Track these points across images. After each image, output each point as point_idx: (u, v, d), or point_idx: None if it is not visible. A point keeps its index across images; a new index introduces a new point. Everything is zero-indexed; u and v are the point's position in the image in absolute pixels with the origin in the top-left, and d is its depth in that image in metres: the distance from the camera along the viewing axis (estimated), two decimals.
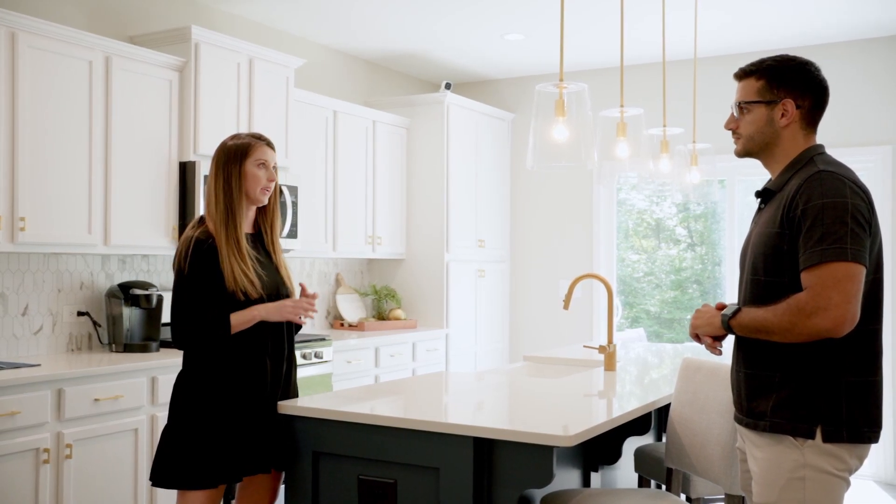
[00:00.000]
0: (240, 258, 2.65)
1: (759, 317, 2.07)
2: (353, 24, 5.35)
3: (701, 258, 6.44)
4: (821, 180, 2.04)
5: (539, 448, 2.32)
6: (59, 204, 3.78)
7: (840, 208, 1.98)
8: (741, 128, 2.24)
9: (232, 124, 4.52)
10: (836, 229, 1.97)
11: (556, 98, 2.87)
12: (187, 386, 2.66)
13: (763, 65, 2.21)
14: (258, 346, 2.68)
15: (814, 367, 2.04)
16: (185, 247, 2.66)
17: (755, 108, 2.20)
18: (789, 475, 2.04)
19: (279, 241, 2.87)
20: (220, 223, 2.66)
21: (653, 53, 5.79)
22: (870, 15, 5.10)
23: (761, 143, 2.22)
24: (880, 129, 5.55)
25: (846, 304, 1.94)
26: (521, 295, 6.75)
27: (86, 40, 3.88)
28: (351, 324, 5.71)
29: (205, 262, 2.63)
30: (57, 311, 4.09)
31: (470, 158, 6.28)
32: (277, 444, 2.71)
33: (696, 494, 3.11)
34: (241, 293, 2.62)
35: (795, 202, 2.05)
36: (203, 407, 2.62)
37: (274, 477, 2.80)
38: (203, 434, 2.59)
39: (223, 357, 2.64)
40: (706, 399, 2.71)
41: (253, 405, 2.66)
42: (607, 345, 3.67)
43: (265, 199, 2.77)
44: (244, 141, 2.76)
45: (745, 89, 2.23)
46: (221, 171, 2.71)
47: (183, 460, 2.59)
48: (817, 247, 1.97)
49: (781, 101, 2.17)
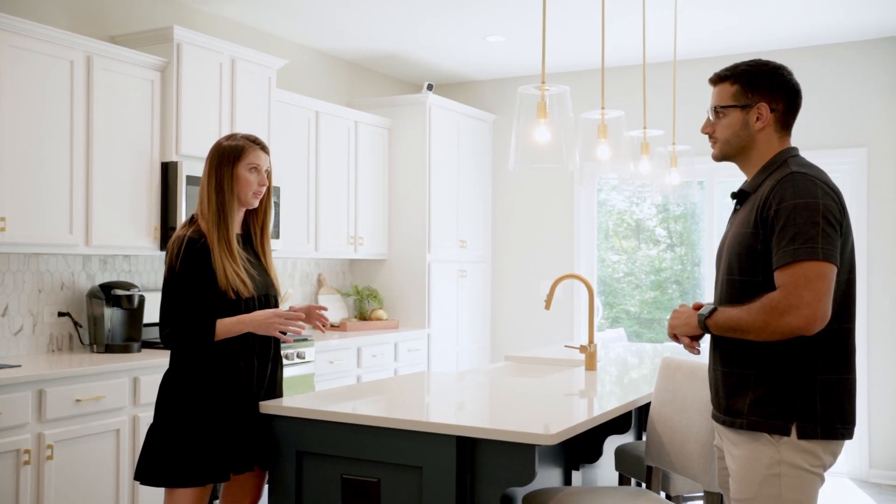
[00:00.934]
0: (231, 259, 2.66)
1: (734, 316, 2.11)
2: (335, 24, 5.36)
3: (680, 258, 6.50)
4: (793, 181, 2.08)
5: (521, 447, 2.34)
6: (40, 204, 3.77)
7: (812, 209, 2.02)
8: (717, 132, 2.28)
9: (214, 125, 4.52)
10: (807, 229, 2.01)
11: (539, 100, 2.90)
12: (174, 384, 2.67)
13: (737, 70, 2.25)
14: (245, 346, 2.69)
15: (789, 365, 2.08)
16: (177, 245, 2.66)
17: (731, 113, 2.24)
18: (765, 472, 2.08)
19: (269, 242, 2.88)
20: (212, 223, 2.67)
21: (633, 56, 5.84)
22: (844, 20, 5.18)
23: (738, 147, 2.26)
24: (856, 132, 5.63)
25: (817, 303, 1.98)
26: (501, 295, 6.79)
27: (67, 40, 3.86)
28: (333, 324, 5.71)
29: (197, 260, 2.63)
30: (37, 312, 4.07)
31: (451, 159, 6.31)
32: (261, 442, 2.73)
33: (676, 492, 3.15)
34: (233, 292, 2.64)
35: (769, 203, 2.09)
36: (190, 405, 2.62)
37: (258, 476, 2.81)
38: (190, 432, 2.60)
39: (210, 356, 2.65)
40: (685, 398, 2.75)
41: (239, 404, 2.68)
42: (588, 345, 3.71)
43: (256, 202, 2.77)
44: (238, 143, 2.75)
45: (721, 94, 2.26)
46: (214, 172, 2.71)
47: (170, 458, 2.59)
48: (789, 246, 2.01)
49: (756, 105, 2.21)
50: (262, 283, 2.77)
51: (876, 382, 5.50)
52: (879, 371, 5.49)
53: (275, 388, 2.85)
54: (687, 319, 2.25)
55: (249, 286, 2.68)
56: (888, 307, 5.49)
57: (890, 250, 5.50)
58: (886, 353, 5.49)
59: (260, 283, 2.76)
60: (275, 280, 2.86)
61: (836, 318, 2.05)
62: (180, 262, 2.63)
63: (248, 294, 2.68)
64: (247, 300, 2.68)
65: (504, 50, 5.94)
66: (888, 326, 5.50)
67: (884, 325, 5.50)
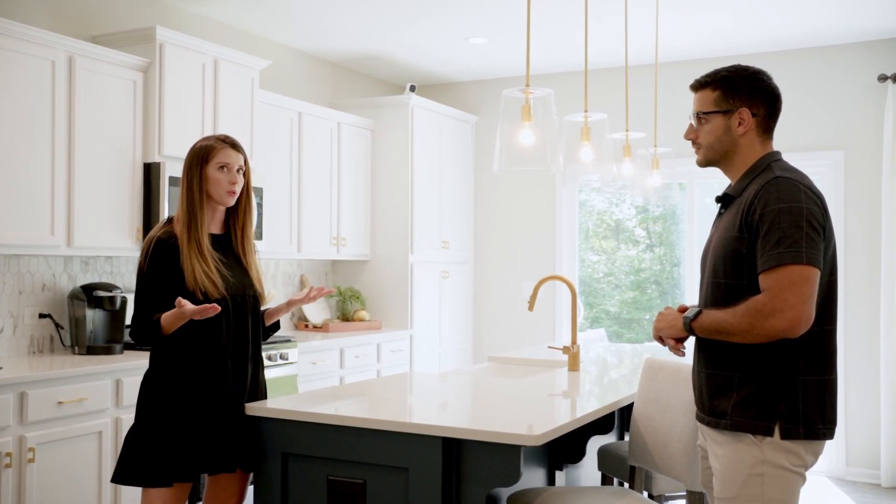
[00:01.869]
0: (201, 258, 2.66)
1: (719, 319, 2.13)
2: (318, 25, 5.36)
3: (660, 259, 6.55)
4: (777, 186, 2.10)
5: (507, 447, 2.36)
6: (21, 205, 3.74)
7: (796, 213, 2.05)
8: (700, 137, 2.31)
9: (197, 125, 4.50)
10: (791, 233, 2.04)
11: (523, 103, 2.92)
12: (152, 385, 2.69)
13: (717, 76, 2.27)
14: (219, 347, 2.70)
15: (772, 366, 2.11)
16: (147, 246, 2.69)
17: (713, 118, 2.27)
18: (749, 471, 2.11)
19: (251, 242, 2.87)
20: (184, 224, 2.69)
21: (615, 58, 5.88)
22: (822, 24, 5.25)
23: (721, 152, 2.29)
24: (833, 135, 5.71)
25: (801, 306, 2.01)
26: (484, 296, 6.81)
27: (49, 40, 3.84)
28: (315, 325, 5.71)
29: (164, 261, 2.65)
30: (18, 314, 4.04)
31: (434, 160, 6.32)
32: (244, 444, 2.72)
33: (658, 491, 3.19)
34: (201, 293, 2.63)
35: (753, 207, 2.11)
36: (164, 406, 2.64)
37: (241, 477, 2.81)
38: (163, 432, 2.62)
39: (185, 356, 2.66)
40: (669, 398, 2.78)
41: (214, 405, 2.67)
42: (571, 345, 3.73)
43: (231, 200, 2.77)
44: (207, 143, 2.76)
45: (702, 100, 2.29)
46: (186, 174, 2.74)
47: (144, 458, 2.61)
48: (774, 250, 2.04)
49: (738, 111, 2.24)
50: (237, 283, 2.75)
51: (852, 382, 5.57)
52: (856, 371, 5.57)
53: (257, 390, 2.84)
54: (672, 322, 2.27)
55: (220, 286, 2.67)
56: (864, 308, 5.57)
57: (866, 252, 5.58)
58: (862, 354, 5.57)
59: (235, 283, 2.74)
60: (255, 280, 2.84)
61: (817, 319, 2.09)
62: (148, 262, 2.67)
63: (218, 294, 2.66)
64: (217, 300, 2.66)
65: (486, 52, 5.96)
66: (864, 327, 5.57)
67: (860, 326, 5.58)
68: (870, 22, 5.21)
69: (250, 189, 2.83)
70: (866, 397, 5.56)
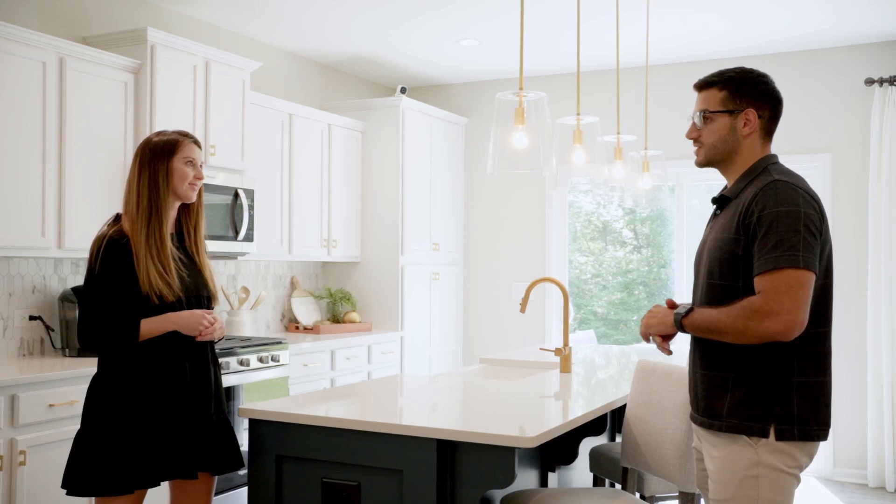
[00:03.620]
0: (161, 258, 2.58)
1: (713, 317, 2.14)
2: (309, 27, 5.36)
3: (647, 260, 6.58)
4: (775, 189, 2.12)
5: (501, 449, 2.38)
6: (12, 207, 3.72)
7: (793, 217, 2.07)
8: (704, 136, 2.30)
9: (188, 127, 4.49)
10: (789, 237, 2.05)
11: (517, 106, 2.93)
12: (102, 390, 2.59)
13: (725, 76, 2.27)
14: (175, 350, 2.62)
15: (767, 368, 2.13)
16: (97, 245, 2.59)
17: (718, 118, 2.27)
18: (744, 473, 2.13)
19: (203, 241, 2.81)
20: (142, 221, 2.59)
21: (605, 60, 5.91)
22: (808, 27, 5.29)
23: (724, 152, 2.29)
24: (820, 137, 5.75)
25: (797, 310, 2.03)
26: (474, 297, 6.82)
27: (40, 41, 3.82)
28: (306, 327, 5.71)
29: (117, 262, 2.56)
30: (8, 316, 4.02)
31: (424, 162, 6.33)
32: (209, 448, 2.66)
33: (650, 492, 3.20)
34: (156, 297, 2.57)
35: (751, 210, 2.13)
36: (117, 411, 2.55)
37: (206, 482, 2.73)
38: (118, 439, 2.53)
39: (139, 360, 2.58)
40: (661, 400, 2.79)
41: (172, 409, 2.60)
42: (563, 347, 3.75)
43: (193, 195, 2.72)
44: (171, 137, 2.71)
45: (708, 99, 2.28)
46: (147, 167, 2.64)
47: (97, 466, 2.51)
48: (772, 253, 2.06)
49: (744, 111, 2.24)
50: (192, 283, 2.70)
51: (840, 383, 5.61)
52: (843, 372, 5.61)
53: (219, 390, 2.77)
54: (663, 318, 2.27)
55: (176, 288, 2.60)
56: (851, 309, 5.62)
57: (853, 255, 5.63)
58: (849, 355, 5.62)
59: (190, 284, 2.69)
60: (209, 280, 2.78)
61: (812, 322, 2.10)
62: (99, 263, 2.56)
63: (173, 297, 2.60)
64: (171, 303, 2.60)
65: (477, 54, 5.98)
66: (851, 328, 5.62)
67: (847, 327, 5.62)
68: (857, 26, 5.26)
69: (202, 189, 2.78)
70: (853, 398, 5.61)
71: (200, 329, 2.63)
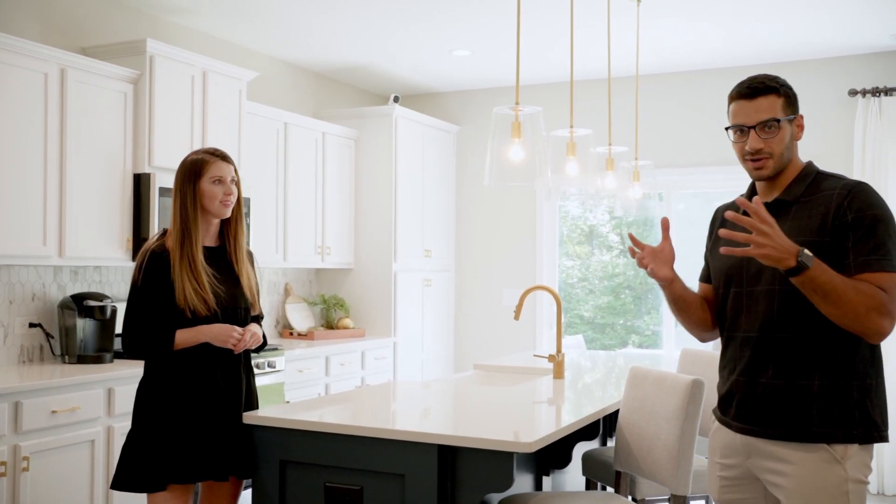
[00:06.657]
0: (194, 275, 2.71)
1: (839, 282, 1.96)
2: (304, 37, 5.43)
3: (634, 264, 6.63)
4: (864, 191, 2.08)
5: (500, 454, 2.45)
6: (13, 216, 3.77)
7: (888, 221, 2.05)
8: (773, 146, 2.16)
9: (186, 136, 4.55)
10: (885, 241, 2.02)
11: (513, 120, 3.01)
12: (145, 393, 2.76)
13: (778, 82, 2.18)
14: (207, 356, 2.75)
15: (849, 372, 2.07)
16: (141, 258, 2.76)
17: (784, 126, 2.17)
18: (835, 490, 2.04)
19: (243, 252, 2.92)
20: (177, 242, 2.74)
21: (595, 69, 6.00)
22: (793, 38, 5.40)
23: (787, 161, 2.20)
24: (804, 148, 5.71)
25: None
26: (466, 303, 6.90)
27: (42, 52, 3.87)
28: (300, 333, 5.76)
29: (157, 275, 2.71)
30: (8, 323, 4.06)
31: (417, 170, 6.41)
32: (237, 453, 2.77)
33: (642, 495, 3.28)
34: (190, 311, 2.70)
35: (842, 210, 2.06)
36: (159, 412, 2.71)
37: (234, 485, 2.86)
38: (156, 439, 2.68)
39: (174, 365, 2.73)
40: (654, 406, 2.87)
41: (204, 413, 2.73)
42: (556, 354, 3.83)
43: (227, 212, 2.83)
44: (198, 157, 2.81)
45: (770, 107, 2.15)
46: (179, 190, 2.78)
47: (144, 464, 2.68)
48: (887, 255, 2.00)
49: (797, 117, 2.20)
50: (227, 297, 2.81)
51: None
52: None
53: (251, 398, 2.91)
54: (782, 241, 1.93)
55: (211, 303, 2.73)
56: None
57: None
58: None
59: (225, 297, 2.80)
60: (247, 290, 2.88)
61: None
62: (142, 274, 2.73)
63: (208, 312, 2.73)
64: (205, 317, 2.73)
65: (469, 63, 6.06)
66: None
67: None
68: (840, 38, 5.37)
69: (241, 199, 2.89)
70: None
71: (229, 342, 2.75)
